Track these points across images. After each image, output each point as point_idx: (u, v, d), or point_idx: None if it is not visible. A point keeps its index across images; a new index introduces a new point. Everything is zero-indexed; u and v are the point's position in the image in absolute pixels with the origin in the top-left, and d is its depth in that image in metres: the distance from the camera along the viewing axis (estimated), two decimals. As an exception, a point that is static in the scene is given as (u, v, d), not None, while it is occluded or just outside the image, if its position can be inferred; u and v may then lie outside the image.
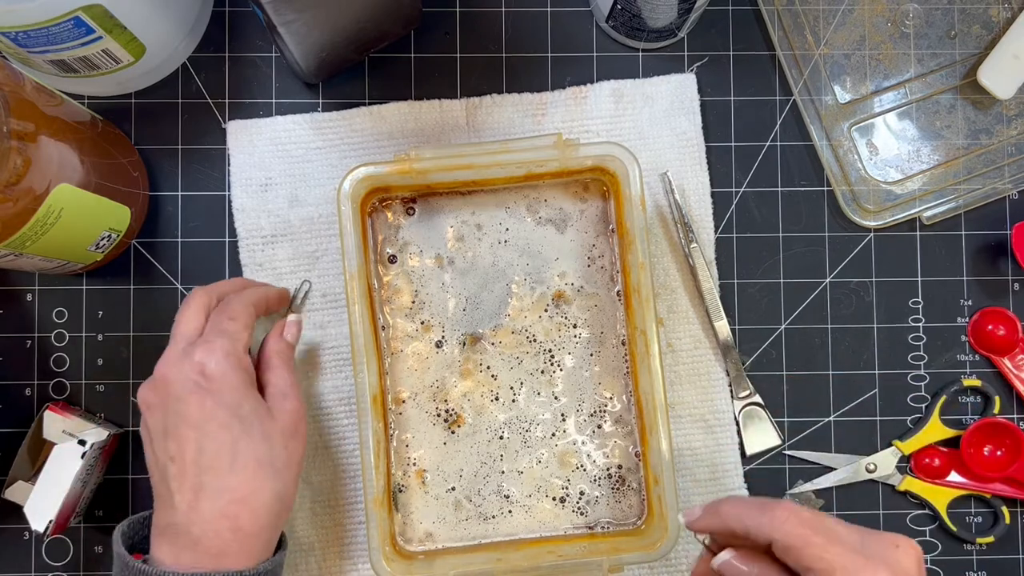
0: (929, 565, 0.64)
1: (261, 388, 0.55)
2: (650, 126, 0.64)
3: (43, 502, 0.57)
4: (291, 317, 0.59)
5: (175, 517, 0.49)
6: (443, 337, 0.61)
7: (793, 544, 0.43)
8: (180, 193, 0.64)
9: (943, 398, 0.64)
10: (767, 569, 0.44)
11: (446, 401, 0.61)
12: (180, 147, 0.64)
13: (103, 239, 0.59)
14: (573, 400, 0.61)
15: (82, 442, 0.58)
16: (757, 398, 0.64)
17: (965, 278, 0.65)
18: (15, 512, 0.59)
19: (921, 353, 0.65)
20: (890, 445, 0.64)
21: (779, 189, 0.65)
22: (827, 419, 0.64)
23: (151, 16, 0.57)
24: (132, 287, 0.63)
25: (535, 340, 0.61)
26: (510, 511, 0.61)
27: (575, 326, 0.62)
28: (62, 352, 0.63)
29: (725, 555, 0.45)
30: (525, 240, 0.62)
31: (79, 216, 0.55)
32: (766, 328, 0.64)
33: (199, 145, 0.64)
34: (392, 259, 0.61)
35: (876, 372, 0.65)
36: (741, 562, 0.45)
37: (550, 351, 0.61)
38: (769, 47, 0.66)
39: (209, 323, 0.54)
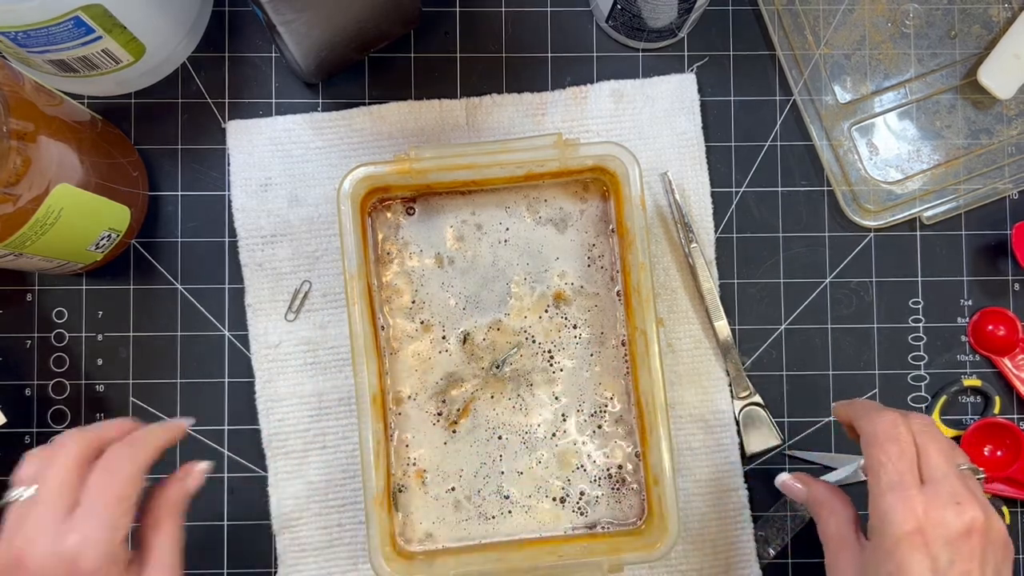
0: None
1: (138, 544, 0.47)
2: (650, 126, 0.64)
3: None
4: (201, 465, 0.50)
5: None
6: (443, 337, 0.61)
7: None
8: (180, 193, 0.64)
9: (943, 398, 0.64)
10: (818, 487, 0.53)
11: (445, 401, 0.61)
12: (180, 147, 0.64)
13: (103, 239, 0.59)
14: (573, 400, 0.61)
15: None
16: (757, 398, 0.64)
17: (965, 278, 0.65)
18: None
19: (921, 353, 0.65)
20: (890, 445, 0.64)
21: (779, 189, 0.65)
22: (827, 419, 0.64)
23: (151, 16, 0.57)
24: (132, 287, 0.63)
25: (535, 340, 0.61)
26: (510, 511, 0.61)
27: (575, 326, 0.61)
28: (62, 352, 0.63)
29: (783, 476, 0.55)
30: (525, 240, 0.62)
31: (79, 216, 0.55)
32: (766, 328, 0.64)
33: (199, 145, 0.64)
34: (391, 258, 0.61)
35: (876, 372, 0.65)
36: (796, 481, 0.55)
37: (550, 351, 0.61)
38: (769, 47, 0.66)
39: (90, 491, 0.44)
